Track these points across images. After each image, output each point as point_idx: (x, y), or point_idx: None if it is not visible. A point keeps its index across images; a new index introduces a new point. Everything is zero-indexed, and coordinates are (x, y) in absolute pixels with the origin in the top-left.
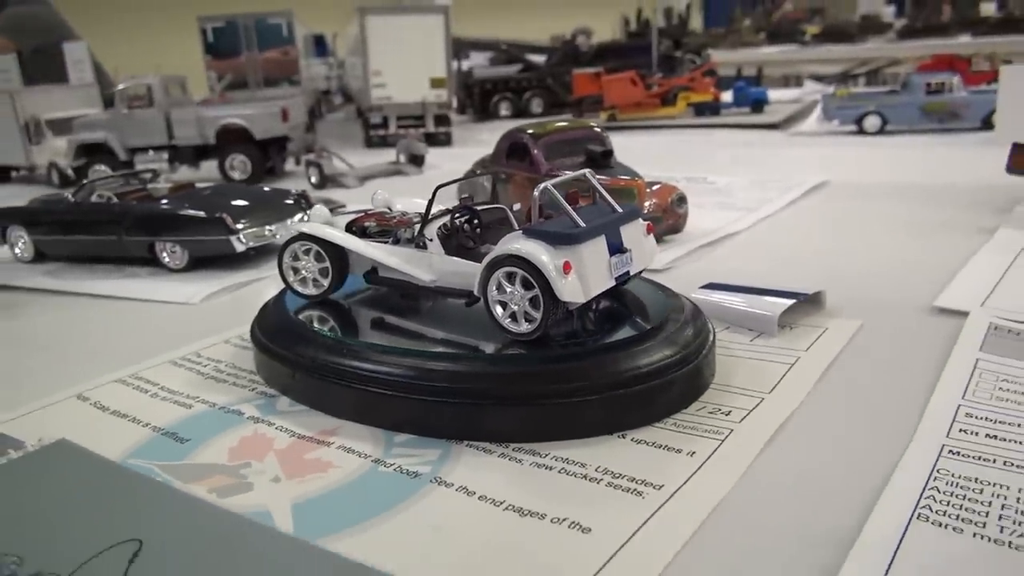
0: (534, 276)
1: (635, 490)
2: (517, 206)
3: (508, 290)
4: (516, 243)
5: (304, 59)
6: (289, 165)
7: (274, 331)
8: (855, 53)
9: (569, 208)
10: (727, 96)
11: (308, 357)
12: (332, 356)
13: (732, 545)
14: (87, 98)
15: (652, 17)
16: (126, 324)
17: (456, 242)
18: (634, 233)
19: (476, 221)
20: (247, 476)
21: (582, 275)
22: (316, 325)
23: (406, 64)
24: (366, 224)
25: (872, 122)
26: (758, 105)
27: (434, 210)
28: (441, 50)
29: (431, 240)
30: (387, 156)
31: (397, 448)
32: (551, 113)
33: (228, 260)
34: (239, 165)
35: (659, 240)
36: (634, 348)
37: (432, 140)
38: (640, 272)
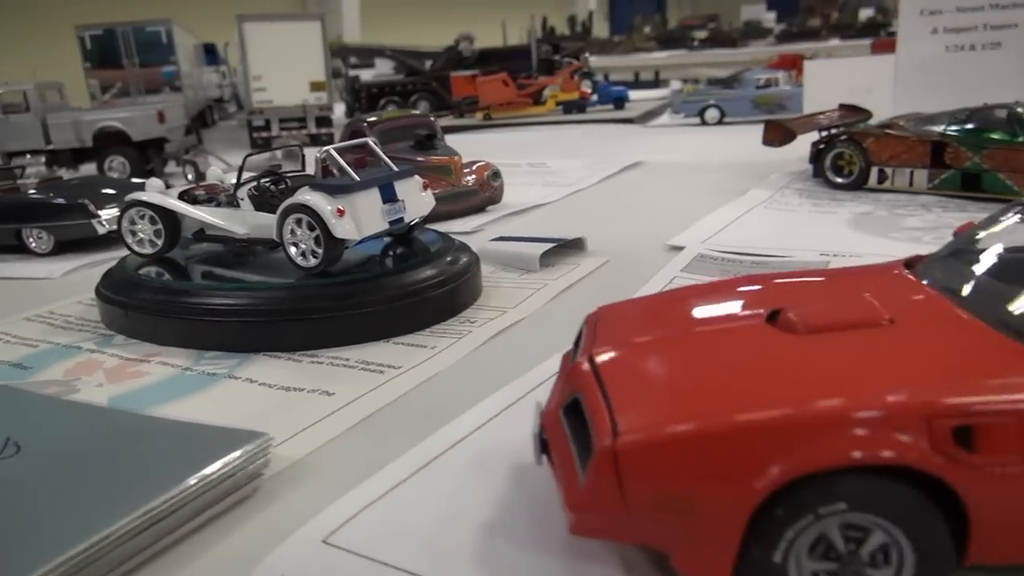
0: (315, 220)
1: (379, 371)
2: None
3: (298, 233)
4: (302, 195)
5: (195, 68)
6: (169, 166)
7: (114, 283)
8: (737, 56)
9: (345, 166)
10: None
11: (138, 298)
12: (158, 295)
13: (431, 398)
14: None
15: (531, 25)
16: None
17: (265, 201)
18: (409, 188)
19: (282, 184)
20: (77, 386)
21: (356, 218)
22: (151, 276)
23: (286, 68)
24: (196, 193)
25: (712, 114)
26: (619, 102)
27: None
28: (320, 55)
29: (243, 200)
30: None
31: (205, 361)
32: (436, 115)
33: (93, 243)
34: (118, 166)
35: (480, 210)
36: (400, 274)
37: (315, 140)
38: (420, 220)
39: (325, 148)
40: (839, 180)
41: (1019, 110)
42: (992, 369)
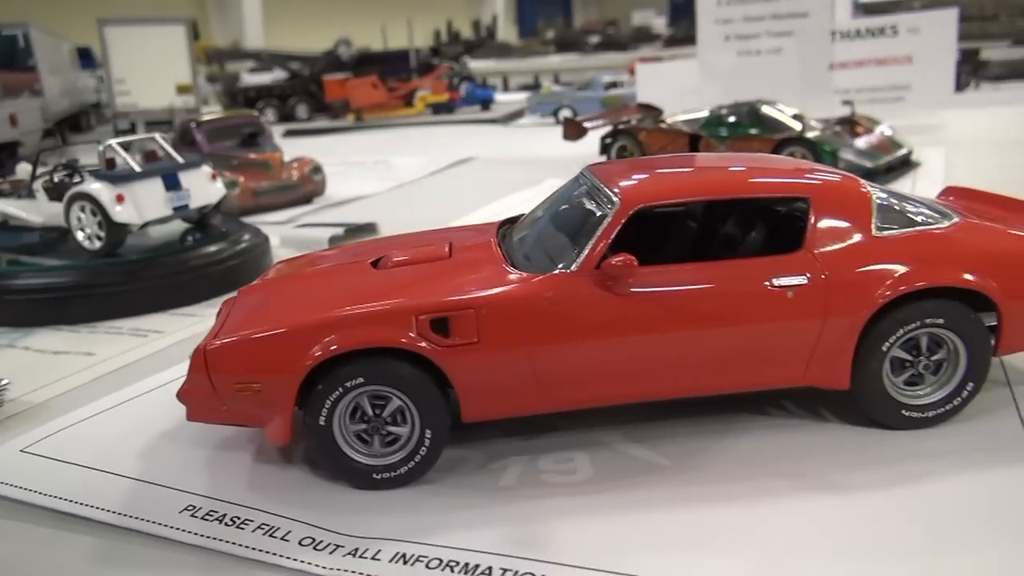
0: (96, 206)
1: (144, 335)
2: None
3: (83, 219)
4: (85, 184)
5: (69, 71)
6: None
7: None
8: (628, 60)
9: (126, 156)
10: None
11: None
12: None
13: (180, 353)
14: None
15: (409, 29)
16: None
17: (61, 192)
18: (196, 177)
19: (78, 177)
20: None
21: (136, 204)
22: None
23: (150, 72)
24: (2, 188)
25: (565, 114)
26: (486, 103)
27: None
28: (185, 57)
29: (37, 191)
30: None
31: None
32: (316, 117)
33: None
34: None
35: (306, 202)
36: (180, 253)
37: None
38: (209, 207)
39: (107, 142)
40: None
41: (757, 106)
42: (480, 282)
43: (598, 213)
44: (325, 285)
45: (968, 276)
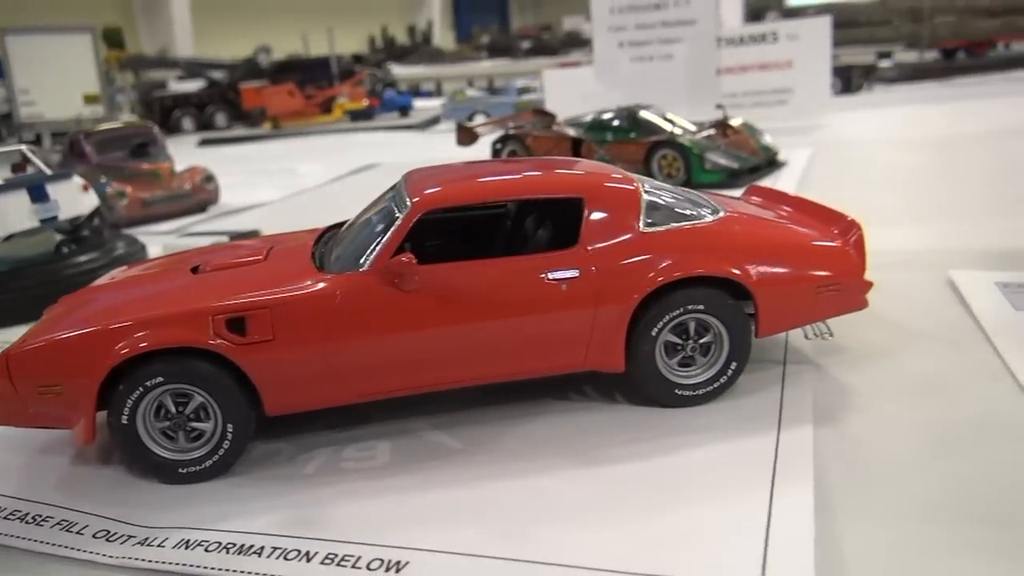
0: None
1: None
2: None
3: None
4: None
5: None
6: None
7: None
8: (557, 64)
9: None
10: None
11: None
12: None
13: None
14: None
15: (329, 36)
16: None
17: None
18: (65, 189)
19: None
20: None
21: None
22: None
23: (56, 82)
24: None
25: (479, 119)
26: (404, 110)
27: None
28: (92, 67)
29: None
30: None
31: None
32: (234, 125)
33: None
34: None
35: (201, 210)
36: (49, 265)
37: None
38: (82, 218)
39: None
40: None
41: (635, 111)
42: (279, 283)
43: (396, 216)
44: (135, 291)
45: (725, 266)
